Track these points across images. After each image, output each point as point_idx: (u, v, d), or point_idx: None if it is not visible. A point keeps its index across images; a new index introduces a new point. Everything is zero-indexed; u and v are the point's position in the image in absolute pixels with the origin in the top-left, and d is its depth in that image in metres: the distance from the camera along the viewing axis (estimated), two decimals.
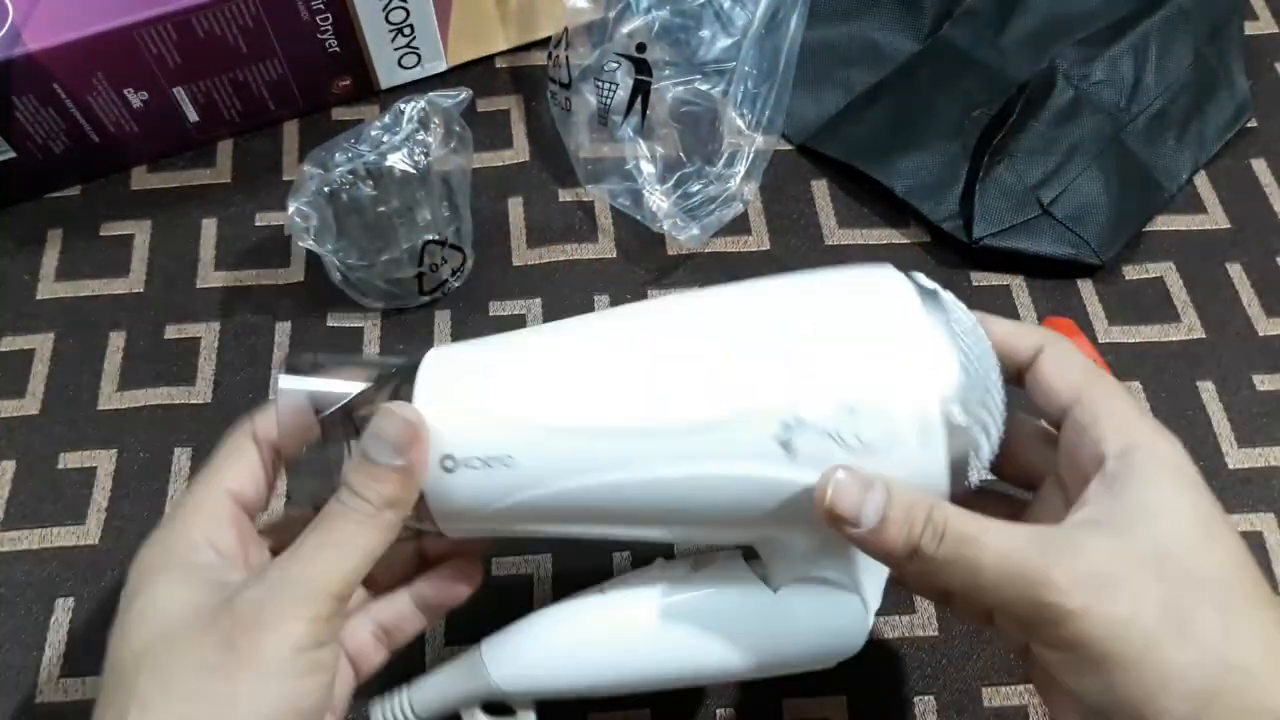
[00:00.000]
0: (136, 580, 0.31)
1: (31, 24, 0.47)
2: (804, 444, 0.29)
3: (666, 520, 0.32)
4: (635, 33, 0.50)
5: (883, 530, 0.29)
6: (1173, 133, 0.56)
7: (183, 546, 0.32)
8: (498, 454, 0.31)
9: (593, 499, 0.31)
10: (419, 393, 0.32)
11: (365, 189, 0.45)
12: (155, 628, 0.30)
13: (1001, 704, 0.42)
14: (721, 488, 0.30)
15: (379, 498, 0.30)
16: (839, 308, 0.31)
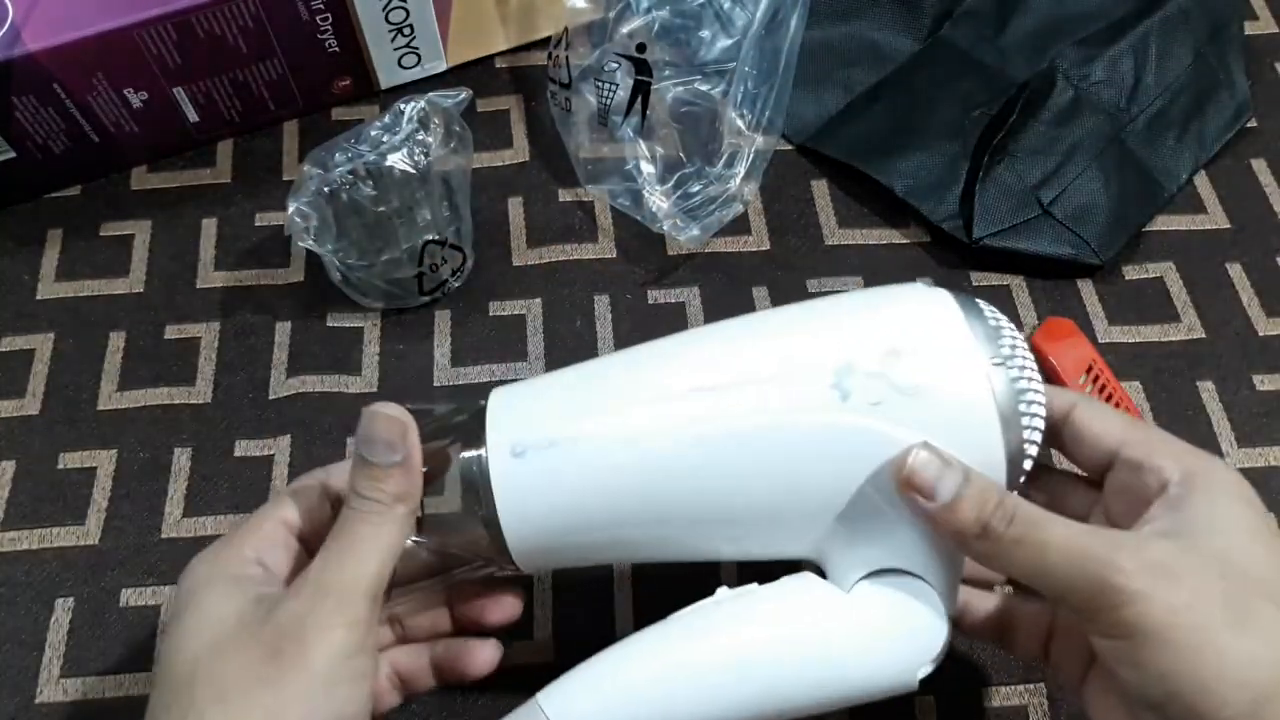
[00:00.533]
0: (188, 591, 0.33)
1: (31, 24, 0.47)
2: (858, 387, 0.31)
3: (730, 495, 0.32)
4: (635, 33, 0.50)
5: (956, 506, 0.30)
6: (1173, 133, 0.56)
7: (233, 561, 0.33)
8: (566, 434, 0.32)
9: (664, 474, 0.32)
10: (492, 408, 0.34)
11: (365, 189, 0.45)
12: (206, 639, 0.31)
13: (1001, 704, 0.42)
14: (791, 442, 0.31)
15: (386, 495, 0.32)
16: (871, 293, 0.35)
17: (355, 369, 0.49)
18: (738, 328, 0.35)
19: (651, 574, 0.44)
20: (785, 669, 0.32)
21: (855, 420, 0.31)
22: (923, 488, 0.30)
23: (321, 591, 0.31)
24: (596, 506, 0.32)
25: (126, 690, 0.42)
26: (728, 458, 0.32)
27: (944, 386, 0.31)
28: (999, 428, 0.31)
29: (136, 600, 0.44)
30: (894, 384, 0.31)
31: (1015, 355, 0.32)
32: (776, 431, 0.31)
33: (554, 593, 0.44)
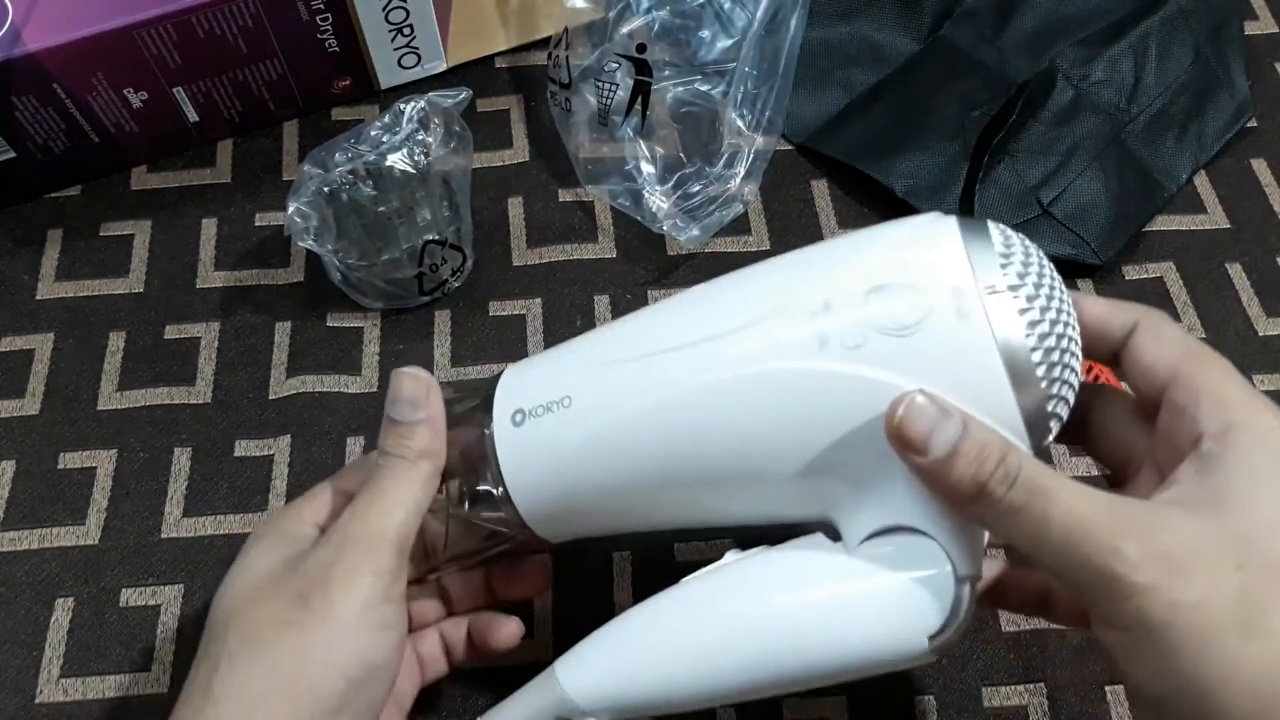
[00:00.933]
0: (243, 549, 0.35)
1: (31, 24, 0.47)
2: (836, 331, 0.28)
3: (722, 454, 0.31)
4: (635, 33, 0.50)
5: (950, 462, 0.27)
6: (1173, 133, 0.56)
7: (287, 521, 0.35)
8: (558, 396, 0.33)
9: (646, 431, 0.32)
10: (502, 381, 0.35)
11: (365, 189, 0.45)
12: (243, 586, 0.33)
13: (1001, 704, 0.42)
14: (770, 392, 0.30)
15: (411, 450, 0.34)
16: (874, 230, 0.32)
17: (355, 369, 0.49)
18: (731, 279, 0.34)
19: (652, 573, 0.44)
20: (792, 629, 0.31)
21: (834, 366, 0.28)
22: (913, 440, 0.27)
23: (349, 541, 0.32)
24: (593, 467, 0.33)
25: (126, 690, 0.42)
26: (712, 410, 0.31)
27: (932, 327, 0.27)
28: (1004, 374, 0.27)
29: (136, 600, 0.44)
30: (874, 323, 0.28)
31: (1025, 284, 0.28)
32: (755, 382, 0.29)
33: (554, 592, 0.44)
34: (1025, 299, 0.28)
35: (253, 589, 0.33)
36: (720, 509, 0.34)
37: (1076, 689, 0.42)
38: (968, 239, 0.29)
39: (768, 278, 0.33)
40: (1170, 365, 0.30)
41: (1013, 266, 0.28)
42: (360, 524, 0.33)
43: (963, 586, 0.30)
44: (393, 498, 0.33)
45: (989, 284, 0.28)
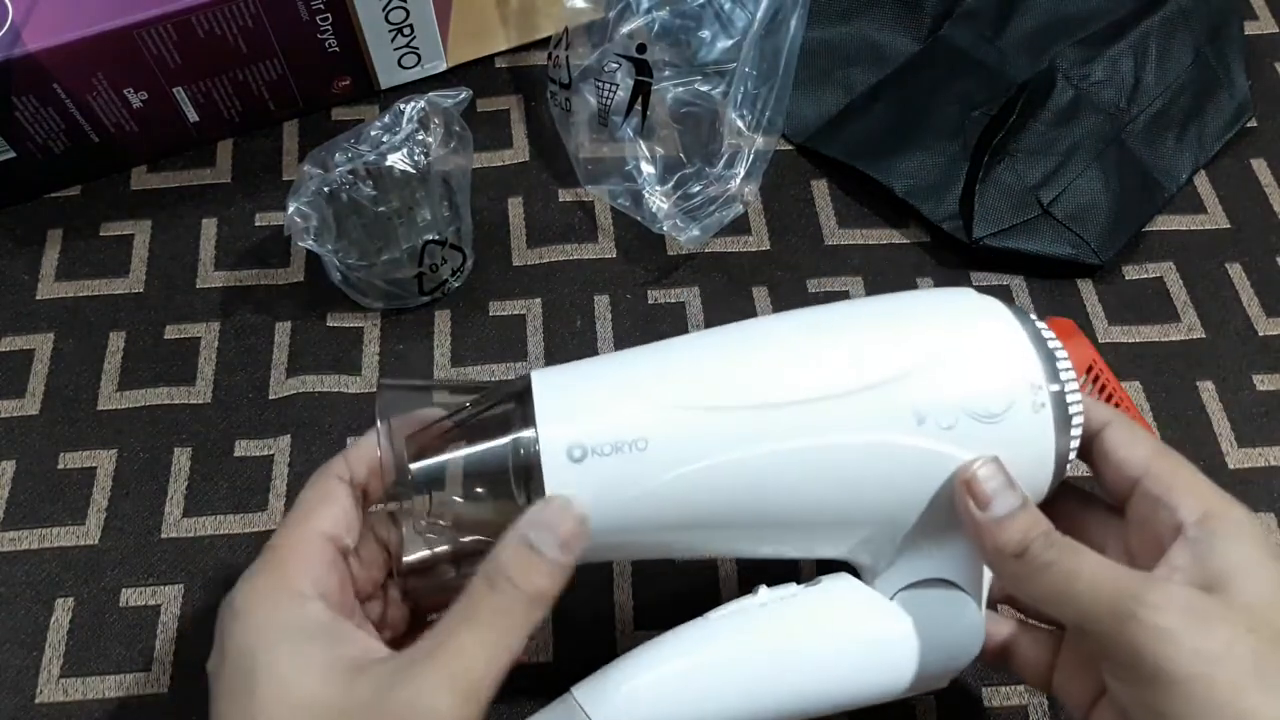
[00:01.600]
0: (247, 648, 0.29)
1: (31, 24, 0.47)
2: (933, 412, 0.31)
3: (798, 509, 0.32)
4: (635, 33, 0.50)
5: (1005, 523, 0.30)
6: (1173, 133, 0.56)
7: (291, 603, 0.30)
8: (631, 438, 0.30)
9: (723, 484, 0.31)
10: (537, 385, 0.32)
11: (365, 189, 0.45)
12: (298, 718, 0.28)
13: (1002, 704, 0.42)
14: (856, 463, 0.31)
15: (536, 590, 0.29)
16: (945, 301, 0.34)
17: (355, 369, 0.49)
18: (805, 332, 0.34)
19: (652, 573, 0.44)
20: (829, 672, 0.33)
21: (928, 444, 0.31)
22: (979, 495, 0.31)
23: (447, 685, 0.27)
24: (655, 513, 0.31)
25: (126, 690, 0.42)
26: (799, 473, 0.31)
27: (1013, 416, 0.31)
28: (1053, 449, 0.32)
29: (136, 600, 0.44)
30: (967, 409, 0.31)
31: (1068, 376, 0.32)
32: (850, 451, 0.31)
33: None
34: (1070, 389, 0.32)
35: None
36: (763, 550, 0.35)
37: None
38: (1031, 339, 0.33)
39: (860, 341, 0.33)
40: (1143, 461, 0.33)
41: (1061, 362, 0.32)
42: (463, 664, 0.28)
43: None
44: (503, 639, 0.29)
45: (1057, 385, 0.32)
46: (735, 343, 0.34)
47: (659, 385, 0.32)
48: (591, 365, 0.34)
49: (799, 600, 0.34)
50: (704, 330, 0.35)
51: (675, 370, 0.33)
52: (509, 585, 0.29)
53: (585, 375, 0.33)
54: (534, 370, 0.33)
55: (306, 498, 0.33)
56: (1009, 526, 0.30)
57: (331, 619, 0.30)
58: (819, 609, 0.34)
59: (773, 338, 0.34)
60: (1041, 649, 0.36)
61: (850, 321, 0.34)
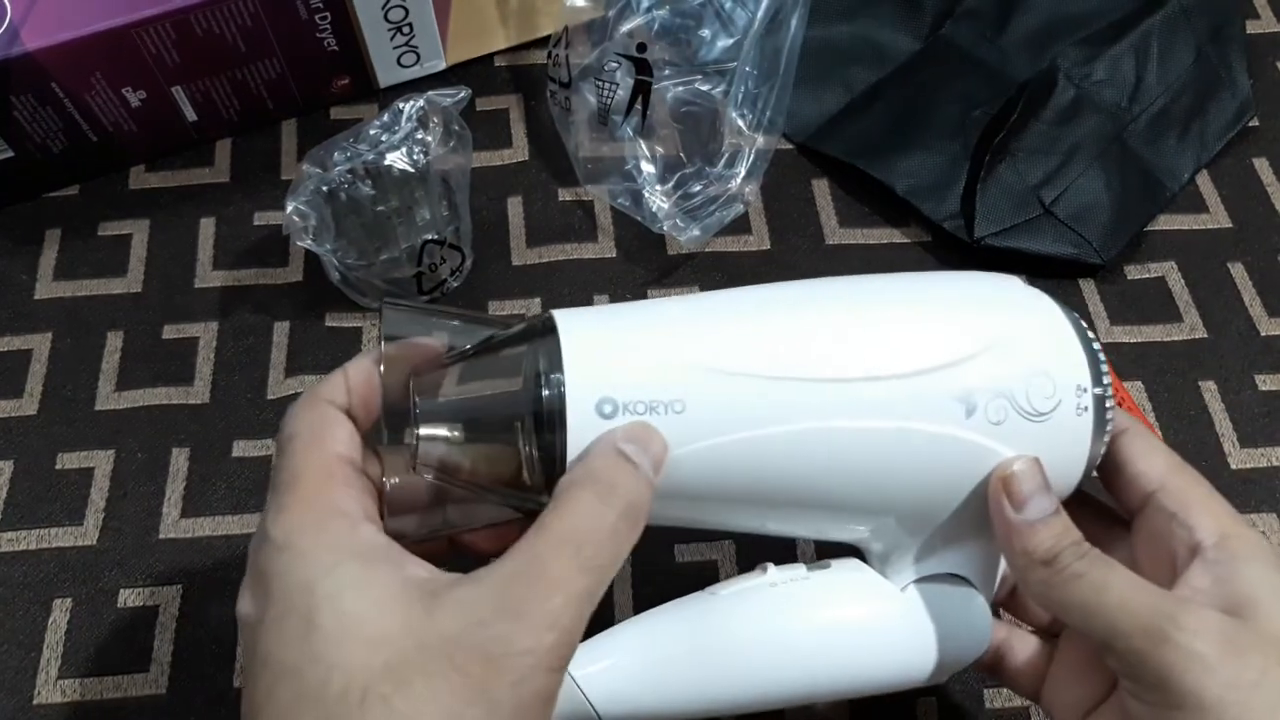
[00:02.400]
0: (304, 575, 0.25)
1: (30, 23, 0.46)
2: (983, 403, 0.30)
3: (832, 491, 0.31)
4: (635, 32, 0.50)
5: (1037, 527, 0.30)
6: (1174, 132, 0.55)
7: (343, 527, 0.26)
8: (667, 398, 0.28)
9: (759, 458, 0.29)
10: (564, 327, 0.29)
11: (364, 188, 0.45)
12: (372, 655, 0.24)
13: (1002, 705, 0.42)
14: (898, 447, 0.30)
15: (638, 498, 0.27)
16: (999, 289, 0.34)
17: None
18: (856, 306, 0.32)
19: (651, 572, 0.44)
20: (834, 659, 0.33)
21: (974, 437, 0.30)
22: (1015, 495, 0.30)
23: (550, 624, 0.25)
24: (679, 479, 0.29)
25: (125, 691, 0.42)
26: (840, 455, 0.30)
27: (1058, 417, 0.31)
28: (1087, 454, 0.32)
29: (134, 601, 0.43)
30: (1018, 407, 0.31)
31: (1108, 380, 0.32)
32: (894, 435, 0.30)
33: None
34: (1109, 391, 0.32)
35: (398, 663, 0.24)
36: (783, 528, 0.35)
37: None
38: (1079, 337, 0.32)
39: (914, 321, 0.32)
40: (1159, 475, 0.32)
41: (1102, 364, 0.32)
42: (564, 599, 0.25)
43: None
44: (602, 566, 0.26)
45: (1100, 389, 0.31)
46: (783, 307, 0.32)
47: (701, 345, 0.29)
48: (623, 312, 0.32)
49: (811, 582, 0.33)
50: (748, 288, 0.33)
51: (720, 330, 0.30)
52: (610, 493, 0.26)
53: (618, 323, 0.31)
54: (556, 311, 0.30)
55: (307, 421, 0.29)
56: (1041, 531, 0.30)
57: (386, 541, 0.27)
58: (831, 593, 0.33)
59: (823, 307, 0.32)
60: (1034, 656, 0.36)
61: (903, 298, 0.33)
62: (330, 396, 0.30)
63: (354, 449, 0.29)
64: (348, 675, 0.24)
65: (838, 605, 0.33)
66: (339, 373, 0.30)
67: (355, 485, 0.28)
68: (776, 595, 0.33)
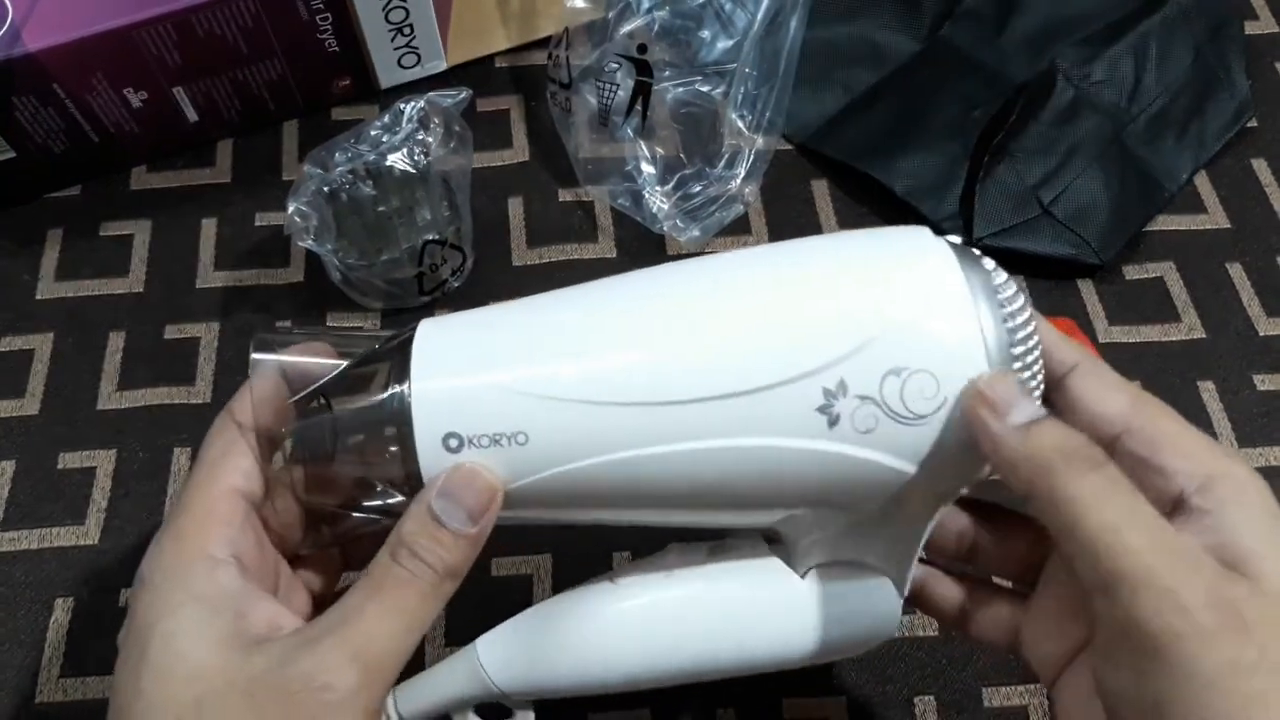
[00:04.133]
0: (152, 614, 0.27)
1: (31, 24, 0.47)
2: (847, 412, 0.27)
3: (695, 502, 0.30)
4: (636, 33, 0.50)
5: (1032, 430, 0.26)
6: (1173, 133, 0.55)
7: (199, 567, 0.28)
8: (510, 430, 0.28)
9: (617, 478, 0.28)
10: (416, 365, 0.29)
11: (365, 189, 0.45)
12: (185, 690, 0.26)
13: (1002, 704, 0.42)
14: (757, 462, 0.28)
15: (444, 565, 0.28)
16: (875, 268, 0.29)
17: None
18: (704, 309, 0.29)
19: None
20: (725, 643, 0.32)
21: (841, 449, 0.27)
22: (995, 400, 0.26)
23: (349, 662, 0.26)
24: (545, 499, 0.29)
25: None
26: (696, 470, 0.28)
27: (948, 413, 0.27)
28: None
29: None
30: (889, 409, 0.27)
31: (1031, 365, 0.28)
32: (751, 452, 0.28)
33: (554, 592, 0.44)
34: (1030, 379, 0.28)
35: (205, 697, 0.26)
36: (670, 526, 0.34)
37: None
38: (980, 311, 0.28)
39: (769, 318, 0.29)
40: (1121, 415, 0.28)
41: (1021, 345, 0.28)
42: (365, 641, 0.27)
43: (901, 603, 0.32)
44: (410, 616, 0.27)
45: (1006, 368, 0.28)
46: (627, 316, 0.30)
47: (540, 371, 0.28)
48: (480, 323, 0.31)
49: (706, 567, 0.32)
50: (603, 283, 0.31)
51: (559, 353, 0.29)
52: (412, 559, 0.27)
53: (469, 340, 0.30)
54: (423, 322, 0.30)
55: (210, 448, 0.30)
56: (1037, 431, 0.26)
57: (240, 586, 0.28)
58: (724, 578, 0.32)
59: (668, 311, 0.29)
60: (1005, 607, 0.33)
61: (762, 288, 0.29)
62: (240, 416, 0.31)
63: (251, 479, 0.30)
64: (163, 709, 0.26)
65: (729, 590, 0.32)
66: (245, 388, 0.31)
67: (234, 522, 0.29)
68: (670, 583, 0.32)
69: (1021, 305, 0.28)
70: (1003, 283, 0.29)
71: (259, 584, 0.29)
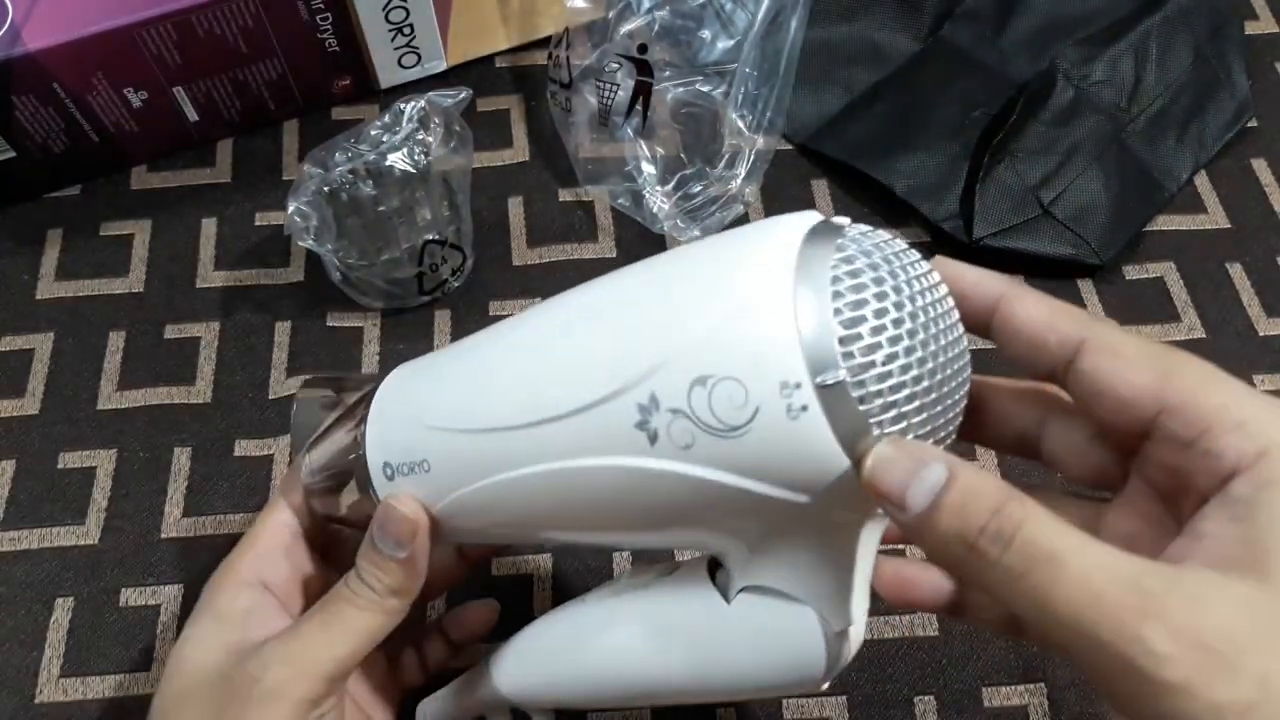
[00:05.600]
0: (186, 625, 0.33)
1: (31, 23, 0.47)
2: (663, 427, 0.25)
3: (583, 523, 0.31)
4: (636, 33, 0.50)
5: (932, 517, 0.22)
6: (1173, 133, 0.56)
7: (228, 589, 0.33)
8: (417, 459, 0.31)
9: (507, 501, 0.30)
10: (374, 406, 0.33)
11: (365, 189, 0.45)
12: (177, 685, 0.32)
13: (1002, 704, 0.42)
14: (604, 482, 0.27)
15: (383, 586, 0.32)
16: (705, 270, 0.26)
17: (355, 368, 0.49)
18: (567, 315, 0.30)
19: None
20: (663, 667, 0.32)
21: (666, 466, 0.26)
22: (888, 495, 0.23)
23: (283, 659, 0.31)
24: (470, 520, 0.32)
25: (126, 690, 0.42)
26: (559, 491, 0.29)
27: (763, 424, 0.24)
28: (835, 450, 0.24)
29: (136, 600, 0.44)
30: (701, 423, 0.24)
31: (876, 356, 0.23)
32: (594, 473, 0.27)
33: (553, 592, 0.44)
34: (877, 379, 0.23)
35: (185, 690, 0.31)
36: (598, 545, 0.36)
37: (1077, 689, 0.42)
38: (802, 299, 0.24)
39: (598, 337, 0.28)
40: (1152, 394, 0.24)
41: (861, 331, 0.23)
42: (302, 647, 0.31)
43: (838, 641, 0.29)
44: (348, 631, 0.31)
45: (822, 376, 0.23)
46: (505, 345, 0.31)
47: (433, 405, 0.31)
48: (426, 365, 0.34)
49: (650, 590, 0.32)
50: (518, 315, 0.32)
51: (452, 386, 0.32)
52: (355, 579, 0.32)
53: (410, 382, 0.33)
54: (398, 368, 0.34)
55: (275, 491, 0.37)
56: (937, 520, 0.23)
57: (256, 605, 0.33)
58: (661, 600, 0.32)
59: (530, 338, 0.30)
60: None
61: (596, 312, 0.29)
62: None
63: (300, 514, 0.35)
64: (161, 701, 0.32)
65: (662, 613, 0.32)
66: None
67: (269, 552, 0.34)
68: (618, 604, 0.33)
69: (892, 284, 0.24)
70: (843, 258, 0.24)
71: (282, 604, 0.34)
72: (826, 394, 0.23)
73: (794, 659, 0.29)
